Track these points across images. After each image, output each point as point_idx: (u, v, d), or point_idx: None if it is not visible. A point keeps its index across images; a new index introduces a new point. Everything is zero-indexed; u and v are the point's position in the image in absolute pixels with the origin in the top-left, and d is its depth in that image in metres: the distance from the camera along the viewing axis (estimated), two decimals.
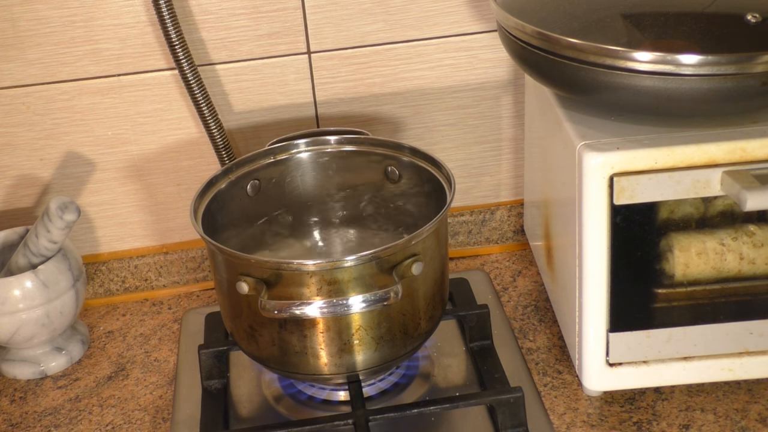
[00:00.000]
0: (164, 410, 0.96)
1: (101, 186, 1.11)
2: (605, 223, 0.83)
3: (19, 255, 1.00)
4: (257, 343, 0.86)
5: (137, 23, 1.03)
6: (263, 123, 1.09)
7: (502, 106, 1.12)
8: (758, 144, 0.81)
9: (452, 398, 0.89)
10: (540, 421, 0.88)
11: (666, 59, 0.77)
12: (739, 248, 0.85)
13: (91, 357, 1.06)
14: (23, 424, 0.96)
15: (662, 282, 0.87)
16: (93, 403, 0.98)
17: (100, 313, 1.14)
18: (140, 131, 1.08)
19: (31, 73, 1.04)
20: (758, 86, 0.78)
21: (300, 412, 0.92)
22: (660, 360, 0.89)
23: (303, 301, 0.80)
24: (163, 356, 1.05)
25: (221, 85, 1.07)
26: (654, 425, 0.88)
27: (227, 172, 0.96)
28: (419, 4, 1.05)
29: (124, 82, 1.06)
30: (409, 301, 0.85)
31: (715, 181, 0.81)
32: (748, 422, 0.87)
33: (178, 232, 1.15)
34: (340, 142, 0.99)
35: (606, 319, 0.87)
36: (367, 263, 0.80)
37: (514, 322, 1.05)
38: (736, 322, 0.87)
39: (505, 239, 1.19)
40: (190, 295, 1.16)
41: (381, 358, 0.86)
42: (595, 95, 0.84)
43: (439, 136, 1.12)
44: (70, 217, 0.97)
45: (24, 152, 1.08)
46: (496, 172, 1.16)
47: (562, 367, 0.97)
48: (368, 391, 0.93)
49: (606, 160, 0.81)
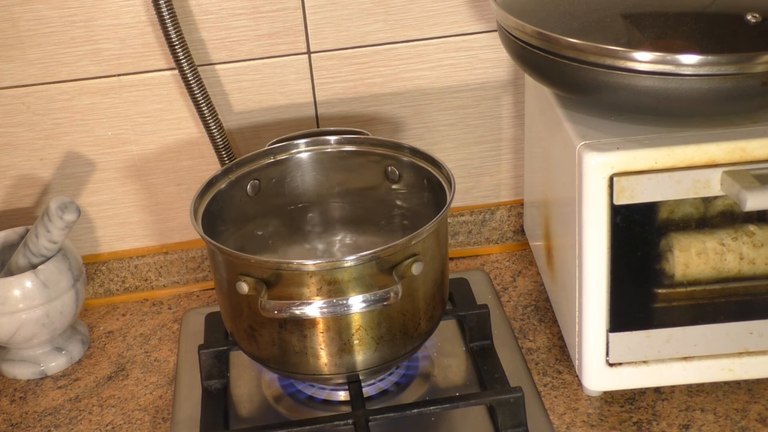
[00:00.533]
0: (164, 410, 0.96)
1: (101, 186, 1.11)
2: (605, 223, 0.83)
3: (19, 255, 1.00)
4: (257, 343, 0.86)
5: (137, 23, 1.03)
6: (263, 123, 1.09)
7: (502, 106, 1.12)
8: (758, 144, 0.81)
9: (452, 398, 0.89)
10: (540, 421, 0.88)
11: (666, 59, 0.77)
12: (739, 248, 0.85)
13: (91, 357, 1.06)
14: (23, 424, 0.96)
15: (662, 282, 0.87)
16: (93, 403, 0.98)
17: (100, 313, 1.14)
18: (140, 131, 1.08)
19: (31, 73, 1.04)
20: (758, 86, 0.78)
21: (300, 412, 0.92)
22: (660, 360, 0.89)
23: (303, 301, 0.80)
24: (163, 356, 1.05)
25: (221, 85, 1.07)
26: (654, 425, 0.88)
27: (227, 172, 0.96)
28: (419, 4, 1.05)
29: (124, 82, 1.06)
30: (409, 301, 0.85)
31: (715, 181, 0.81)
32: (748, 422, 0.87)
33: (178, 232, 1.15)
34: (340, 142, 0.99)
35: (606, 319, 0.87)
36: (367, 263, 0.80)
37: (514, 322, 1.05)
38: (736, 322, 0.87)
39: (505, 239, 1.19)
40: (190, 295, 1.16)
41: (381, 358, 0.86)
42: (595, 95, 0.84)
43: (439, 136, 1.12)
44: (70, 217, 0.97)
45: (24, 152, 1.08)
46: (496, 172, 1.16)
47: (562, 367, 0.97)
48: (368, 391, 0.93)
49: (606, 160, 0.81)
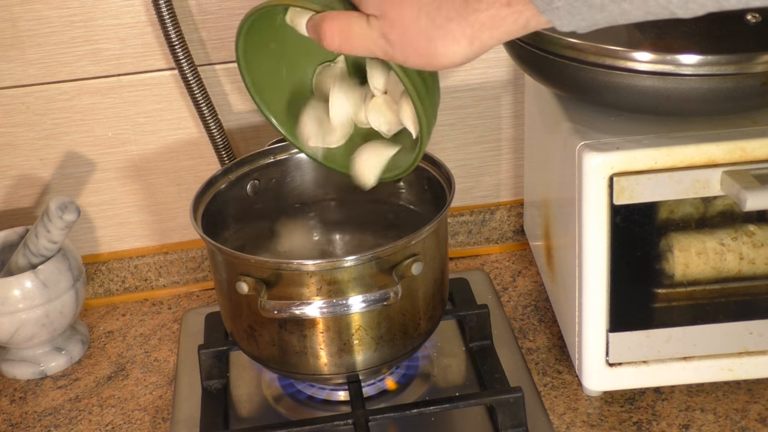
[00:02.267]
0: (164, 410, 0.96)
1: (101, 186, 1.11)
2: (605, 223, 0.83)
3: (19, 255, 1.00)
4: (257, 343, 0.86)
5: (137, 23, 1.03)
6: (263, 123, 1.09)
7: (501, 106, 1.12)
8: (758, 144, 0.81)
9: (452, 398, 0.89)
10: (540, 421, 0.88)
11: (666, 59, 0.77)
12: (739, 248, 0.85)
13: (91, 357, 1.06)
14: (23, 424, 0.96)
15: (662, 282, 0.87)
16: (93, 403, 0.98)
17: (100, 313, 1.14)
18: (140, 131, 1.08)
19: (31, 73, 1.04)
20: (758, 86, 0.78)
21: (300, 412, 0.92)
22: (660, 360, 0.89)
23: (303, 301, 0.80)
24: (163, 356, 1.05)
25: (221, 85, 1.07)
26: (654, 425, 0.88)
27: (227, 172, 0.96)
28: None
29: (124, 82, 1.06)
30: (409, 301, 0.85)
31: (715, 181, 0.81)
32: (748, 422, 0.87)
33: (178, 232, 1.15)
34: None
35: (606, 319, 0.87)
36: (367, 263, 0.80)
37: (514, 322, 1.05)
38: (736, 322, 0.87)
39: (505, 239, 1.19)
40: (190, 295, 1.16)
41: (381, 358, 0.86)
42: (595, 95, 0.84)
43: (439, 136, 1.12)
44: (70, 217, 0.97)
45: (24, 152, 1.08)
46: (495, 172, 1.16)
47: (562, 367, 0.97)
48: (368, 391, 0.93)
49: (606, 160, 0.81)
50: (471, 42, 0.61)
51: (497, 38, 0.60)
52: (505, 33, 0.60)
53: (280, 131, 0.87)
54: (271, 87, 0.85)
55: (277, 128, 0.87)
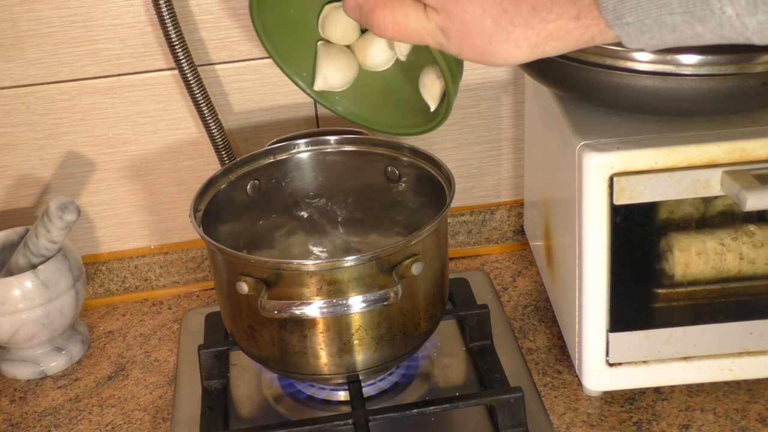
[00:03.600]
0: (164, 410, 0.96)
1: (101, 186, 1.11)
2: (605, 223, 0.83)
3: (19, 255, 1.00)
4: (257, 343, 0.86)
5: (137, 23, 1.03)
6: (263, 123, 1.09)
7: (501, 106, 1.12)
8: (758, 144, 0.81)
9: (452, 398, 0.89)
10: (540, 421, 0.88)
11: (666, 59, 0.77)
12: (739, 248, 0.85)
13: (91, 357, 1.06)
14: (23, 424, 0.96)
15: (662, 282, 0.87)
16: (93, 403, 0.98)
17: (100, 313, 1.14)
18: (140, 131, 1.08)
19: (31, 73, 1.04)
20: (758, 86, 0.78)
21: (300, 412, 0.92)
22: (660, 360, 0.89)
23: (303, 301, 0.80)
24: (163, 356, 1.05)
25: (221, 85, 1.07)
26: (654, 425, 0.88)
27: (227, 172, 0.96)
28: None
29: (124, 82, 1.06)
30: (409, 301, 0.85)
31: (715, 181, 0.81)
32: (748, 422, 0.87)
33: (178, 232, 1.15)
34: (340, 142, 0.99)
35: (606, 319, 0.87)
36: (367, 263, 0.80)
37: (514, 322, 1.05)
38: (736, 322, 0.87)
39: (505, 239, 1.19)
40: (190, 295, 1.16)
41: (381, 358, 0.86)
42: (595, 95, 0.84)
43: (439, 136, 1.12)
44: (70, 217, 0.97)
45: (24, 152, 1.08)
46: (496, 172, 1.16)
47: (562, 367, 0.97)
48: (368, 391, 0.93)
49: (606, 160, 0.81)
50: (533, 49, 0.60)
51: (560, 49, 0.60)
52: (570, 45, 0.59)
53: (287, 74, 0.88)
54: (279, 30, 0.85)
55: (285, 71, 0.88)
